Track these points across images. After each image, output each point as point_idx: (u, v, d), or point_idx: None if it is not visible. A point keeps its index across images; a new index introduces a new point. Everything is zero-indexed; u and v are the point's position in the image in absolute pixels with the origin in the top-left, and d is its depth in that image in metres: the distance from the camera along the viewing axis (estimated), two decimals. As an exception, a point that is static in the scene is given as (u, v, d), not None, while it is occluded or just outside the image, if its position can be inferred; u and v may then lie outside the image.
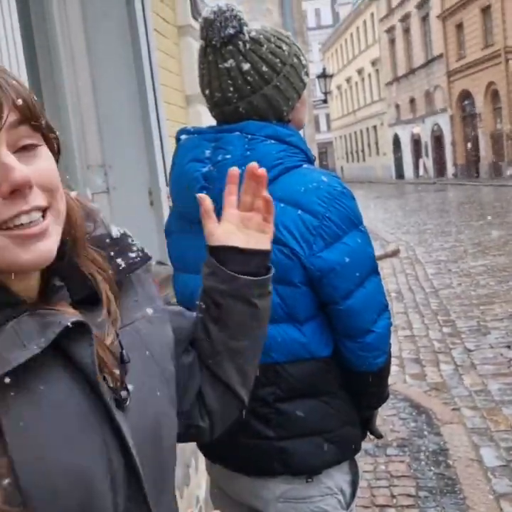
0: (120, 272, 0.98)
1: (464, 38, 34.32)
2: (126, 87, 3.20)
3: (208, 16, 1.69)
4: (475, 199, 23.55)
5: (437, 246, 13.13)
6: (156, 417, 0.97)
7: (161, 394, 1.00)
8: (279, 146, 1.68)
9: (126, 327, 0.97)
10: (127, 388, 0.91)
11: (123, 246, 1.01)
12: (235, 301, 1.14)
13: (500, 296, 8.30)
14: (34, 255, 0.82)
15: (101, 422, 0.87)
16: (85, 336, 0.86)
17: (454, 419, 4.69)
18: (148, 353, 1.00)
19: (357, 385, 1.80)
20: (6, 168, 0.78)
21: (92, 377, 0.86)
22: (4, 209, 0.79)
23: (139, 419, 0.93)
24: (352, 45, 57.90)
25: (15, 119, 0.81)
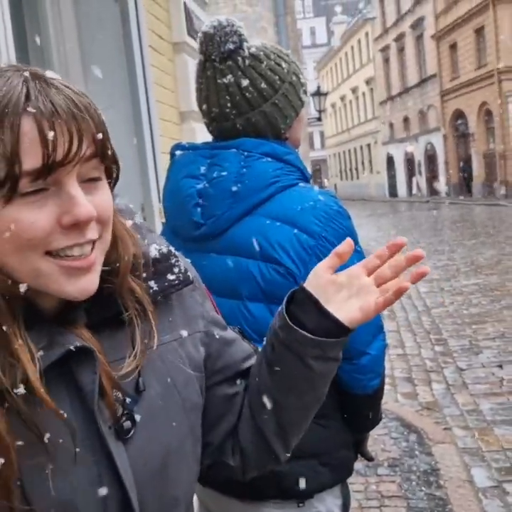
0: (152, 294, 0.95)
1: (458, 58, 34.60)
2: (120, 102, 3.21)
3: (208, 30, 1.67)
4: (468, 218, 23.62)
5: (430, 264, 13.12)
6: (167, 449, 0.94)
7: (177, 425, 0.95)
8: (276, 164, 1.66)
9: (150, 349, 0.93)
10: (134, 418, 0.89)
11: (162, 267, 0.98)
12: (287, 351, 1.02)
13: (492, 315, 8.29)
14: (78, 289, 0.83)
15: (96, 452, 0.86)
16: (90, 363, 0.85)
17: (445, 439, 4.66)
18: (170, 381, 0.96)
19: (351, 406, 1.77)
20: (73, 202, 0.79)
21: (90, 406, 0.85)
22: (61, 238, 0.80)
23: (143, 452, 0.90)
24: (346, 64, 58.26)
25: (91, 153, 0.81)
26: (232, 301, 1.64)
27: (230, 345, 1.11)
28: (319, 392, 1.08)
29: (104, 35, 3.12)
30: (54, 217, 0.79)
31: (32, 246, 0.79)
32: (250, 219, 1.63)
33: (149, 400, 0.92)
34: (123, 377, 0.89)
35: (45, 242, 0.80)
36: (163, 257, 0.99)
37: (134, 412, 0.89)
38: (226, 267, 1.65)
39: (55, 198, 0.80)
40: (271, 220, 1.61)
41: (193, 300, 1.05)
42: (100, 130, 0.82)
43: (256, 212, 1.63)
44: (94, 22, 3.10)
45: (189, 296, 1.04)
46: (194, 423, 1.00)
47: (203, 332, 1.04)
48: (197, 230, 1.67)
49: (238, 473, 1.14)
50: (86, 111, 0.80)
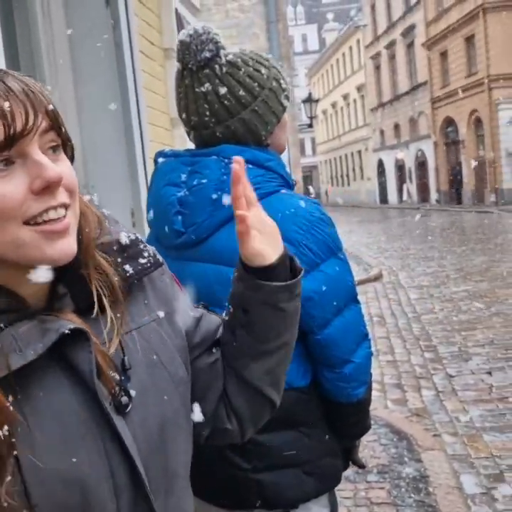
0: (128, 278, 1.00)
1: (448, 66, 34.78)
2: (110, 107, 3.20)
3: (184, 38, 1.66)
4: (458, 225, 23.72)
5: (420, 271, 13.17)
6: (163, 421, 0.98)
7: (168, 398, 1.00)
8: (257, 171, 1.64)
9: (132, 331, 0.99)
10: (129, 394, 0.94)
11: (133, 252, 1.03)
12: (262, 307, 1.10)
13: (481, 322, 8.32)
14: (57, 251, 0.87)
15: (101, 429, 0.90)
16: (84, 344, 0.90)
17: (434, 446, 4.66)
18: (156, 357, 1.01)
19: (337, 415, 1.76)
20: (39, 166, 0.85)
21: (91, 385, 0.89)
22: (35, 204, 0.85)
23: (142, 425, 0.95)
24: (338, 71, 58.47)
25: (46, 125, 0.88)
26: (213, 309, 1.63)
27: (201, 321, 1.17)
28: (294, 326, 1.18)
29: (94, 40, 3.12)
30: (25, 186, 0.85)
31: (8, 217, 0.84)
32: (231, 227, 1.60)
33: (139, 377, 0.97)
34: (112, 356, 0.94)
35: (21, 212, 0.84)
36: (133, 242, 1.03)
37: (128, 388, 0.94)
38: (206, 275, 1.63)
39: (22, 168, 0.85)
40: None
41: (164, 283, 1.10)
42: (51, 104, 0.89)
43: None
44: (85, 27, 3.09)
45: (159, 280, 1.09)
46: (184, 397, 1.05)
47: (177, 311, 1.10)
48: (178, 238, 1.66)
49: (237, 436, 1.20)
50: (37, 90, 0.88)
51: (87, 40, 3.11)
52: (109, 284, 0.97)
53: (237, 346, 1.14)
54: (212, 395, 1.15)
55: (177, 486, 1.03)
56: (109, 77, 3.16)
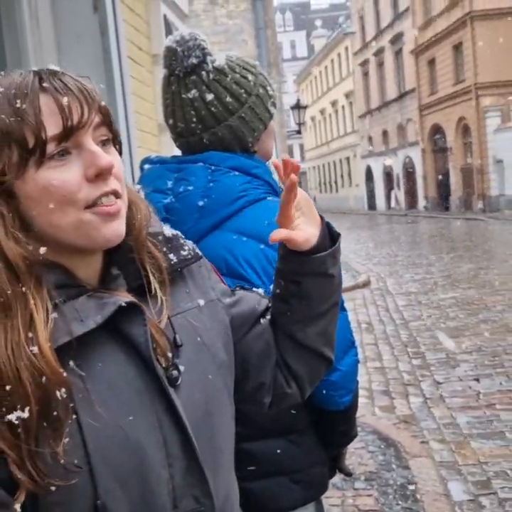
0: (172, 266, 1.08)
1: (436, 73, 34.98)
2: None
3: (171, 45, 1.65)
4: (445, 232, 23.83)
5: (408, 278, 13.21)
6: (207, 399, 1.05)
7: (212, 378, 1.07)
8: (243, 178, 1.63)
9: (177, 315, 1.07)
10: (178, 368, 1.01)
11: (175, 244, 1.12)
12: (312, 277, 1.20)
13: (469, 328, 8.35)
14: (111, 231, 0.96)
15: (154, 399, 0.97)
16: (139, 317, 0.98)
17: (422, 453, 4.67)
18: (200, 339, 1.08)
19: (324, 423, 1.75)
20: (93, 155, 0.94)
21: (146, 355, 0.96)
22: (90, 190, 0.94)
23: (190, 399, 1.01)
24: (326, 78, 58.67)
25: (99, 120, 0.97)
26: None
27: (241, 302, 1.25)
28: (341, 286, 1.29)
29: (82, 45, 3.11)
30: (80, 174, 0.94)
31: (68, 201, 0.93)
32: (217, 234, 1.61)
33: (187, 354, 1.04)
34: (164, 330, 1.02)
35: (79, 197, 0.93)
36: (175, 236, 1.14)
37: (178, 364, 1.01)
38: None
39: (78, 158, 0.94)
40: (237, 235, 1.59)
41: (201, 275, 1.19)
42: (103, 101, 0.99)
43: (223, 227, 1.61)
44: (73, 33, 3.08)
45: (197, 272, 1.18)
46: (226, 379, 1.12)
47: (216, 300, 1.18)
48: None
49: (298, 398, 1.30)
50: (91, 88, 0.98)
51: (75, 46, 3.10)
52: (157, 268, 1.05)
53: (291, 315, 1.23)
54: (268, 363, 1.24)
55: (223, 462, 1.08)
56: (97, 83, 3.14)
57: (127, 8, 3.96)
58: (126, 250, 1.03)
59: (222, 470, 1.07)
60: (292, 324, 1.24)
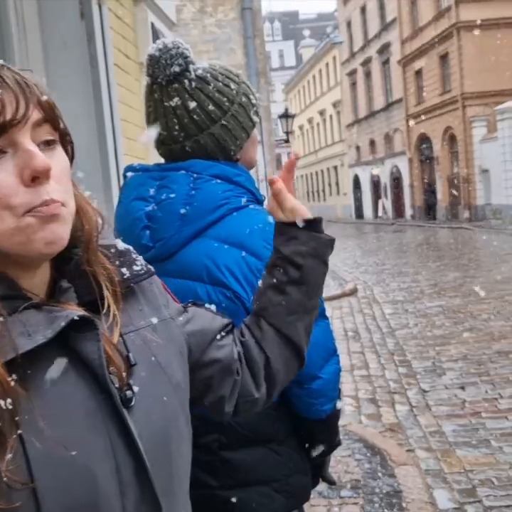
0: (125, 280, 1.02)
1: (423, 83, 35.19)
2: (84, 120, 3.19)
3: (154, 53, 1.65)
4: (432, 241, 23.93)
5: (395, 286, 13.25)
6: (163, 422, 0.97)
7: (168, 399, 1.00)
8: (226, 186, 1.63)
9: (130, 333, 1.00)
10: (132, 389, 0.92)
11: (128, 259, 1.05)
12: (314, 260, 1.27)
13: (455, 337, 8.38)
14: (50, 234, 0.87)
15: (107, 421, 0.88)
16: (92, 332, 0.89)
17: (408, 461, 4.67)
18: (154, 359, 1.01)
19: (306, 431, 1.74)
20: (28, 155, 0.85)
21: (99, 373, 0.88)
22: (29, 197, 0.85)
23: (145, 422, 0.93)
24: (314, 87, 58.90)
25: (39, 117, 0.88)
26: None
27: (195, 319, 1.20)
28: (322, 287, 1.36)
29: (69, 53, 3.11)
30: (15, 176, 0.85)
31: (4, 206, 0.84)
32: (199, 242, 1.61)
33: (140, 374, 0.96)
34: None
35: (15, 203, 0.84)
36: (127, 250, 1.07)
37: (131, 384, 0.93)
38: (174, 291, 1.62)
39: (13, 158, 0.85)
40: (219, 243, 1.59)
41: (153, 292, 1.12)
42: (45, 96, 0.90)
43: (205, 234, 1.61)
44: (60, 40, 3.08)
45: (149, 289, 1.11)
46: (182, 401, 1.05)
47: (169, 318, 1.12)
48: (146, 253, 1.63)
49: (263, 403, 1.29)
50: (32, 82, 0.89)
51: (61, 53, 3.10)
52: (110, 282, 0.99)
53: (285, 305, 1.26)
54: (228, 377, 1.20)
55: (180, 487, 1.02)
56: (84, 90, 3.15)
57: (115, 16, 3.97)
58: (77, 262, 0.97)
59: (178, 496, 1.00)
60: (284, 317, 1.26)
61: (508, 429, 5.16)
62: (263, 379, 1.26)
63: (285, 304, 1.26)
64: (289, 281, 1.26)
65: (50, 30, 3.06)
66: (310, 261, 1.27)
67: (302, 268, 1.26)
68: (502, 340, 7.98)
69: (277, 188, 1.31)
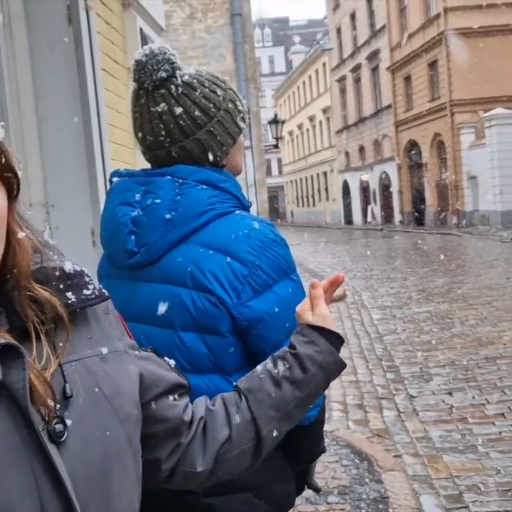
0: (69, 305, 0.96)
1: (412, 90, 35.36)
2: (71, 125, 3.18)
3: (140, 58, 1.65)
4: (420, 246, 24.00)
5: (383, 292, 13.28)
6: (104, 457, 0.91)
7: (112, 433, 0.94)
8: (211, 192, 1.63)
9: (72, 362, 0.94)
10: (65, 422, 0.87)
11: (77, 282, 0.99)
12: (321, 372, 1.26)
13: (443, 342, 8.40)
14: None
15: (32, 457, 0.82)
16: (17, 361, 0.83)
17: (395, 467, 4.67)
18: (98, 390, 0.95)
19: (289, 438, 1.74)
20: None
21: (23, 403, 0.82)
22: None
23: (80, 458, 0.87)
24: (304, 93, 59.06)
25: None
26: (165, 330, 1.60)
27: (150, 361, 1.14)
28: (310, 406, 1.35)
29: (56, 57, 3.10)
30: None
31: None
32: (184, 247, 1.61)
33: (79, 407, 0.90)
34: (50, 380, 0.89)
35: None
36: (78, 273, 1.00)
37: (64, 417, 0.88)
38: (159, 296, 1.61)
39: None
40: (204, 249, 1.59)
41: (108, 322, 1.06)
42: None
43: (190, 240, 1.61)
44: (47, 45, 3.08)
45: (104, 318, 1.05)
46: (131, 434, 0.99)
47: (122, 351, 1.06)
48: (131, 258, 1.64)
49: (203, 480, 1.22)
50: None
51: (48, 58, 3.09)
52: (50, 311, 0.93)
53: (274, 398, 1.23)
54: (171, 441, 1.15)
55: None
56: (71, 95, 3.14)
57: (103, 21, 3.97)
58: (8, 288, 0.91)
59: None
60: (267, 409, 1.23)
61: (495, 434, 5.17)
62: (214, 456, 1.19)
63: (274, 396, 1.23)
64: (289, 379, 1.25)
65: (36, 35, 3.06)
66: (317, 371, 1.27)
67: (308, 373, 1.26)
68: (489, 345, 8.01)
69: (316, 293, 1.34)
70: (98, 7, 3.71)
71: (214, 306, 1.57)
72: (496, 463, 4.63)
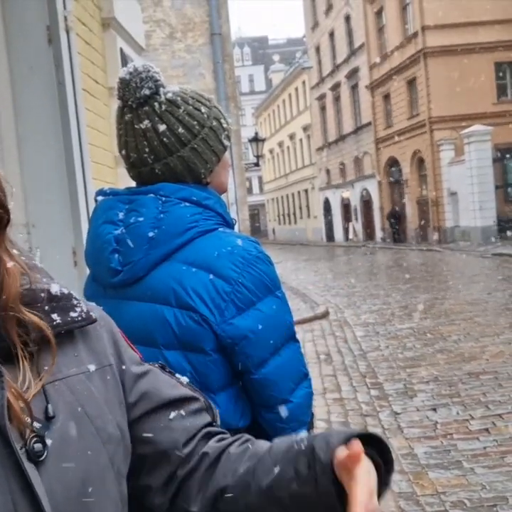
0: (54, 326, 0.95)
1: (391, 107, 35.69)
2: (52, 145, 3.17)
3: (124, 76, 1.66)
4: (402, 263, 24.11)
5: (366, 308, 13.30)
6: (85, 478, 0.89)
7: (93, 454, 0.92)
8: (194, 209, 1.63)
9: (55, 382, 0.93)
10: (44, 442, 0.85)
11: (63, 305, 0.98)
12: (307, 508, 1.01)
13: (426, 358, 8.42)
14: None
15: (9, 477, 0.81)
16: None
17: (380, 484, 4.65)
18: (81, 409, 0.93)
19: None
20: None
21: (1, 422, 0.82)
22: None
23: (59, 478, 0.86)
24: (284, 111, 59.43)
25: None
26: (149, 349, 1.59)
27: (149, 376, 1.10)
28: None
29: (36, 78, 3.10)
30: None
31: None
32: (167, 265, 1.60)
33: (60, 427, 0.89)
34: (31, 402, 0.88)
35: None
36: (65, 296, 1.00)
37: (45, 437, 0.86)
38: (143, 315, 1.61)
39: None
40: (187, 266, 1.59)
41: (99, 337, 1.04)
42: None
43: (173, 258, 1.60)
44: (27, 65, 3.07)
45: (95, 335, 1.04)
46: (114, 456, 0.96)
47: (113, 366, 1.04)
48: (114, 276, 1.63)
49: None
50: None
51: (28, 78, 3.09)
52: (35, 333, 0.92)
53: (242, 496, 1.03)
54: (165, 466, 1.06)
55: None
56: (51, 115, 3.13)
57: (83, 41, 3.97)
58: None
59: None
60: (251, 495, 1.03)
61: (480, 450, 5.17)
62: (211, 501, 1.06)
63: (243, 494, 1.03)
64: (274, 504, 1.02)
65: (16, 55, 3.05)
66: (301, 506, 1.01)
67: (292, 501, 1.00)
68: (472, 361, 8.03)
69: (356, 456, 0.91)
70: (78, 27, 3.71)
71: (197, 324, 1.56)
72: (481, 478, 4.63)
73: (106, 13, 4.74)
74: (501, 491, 4.39)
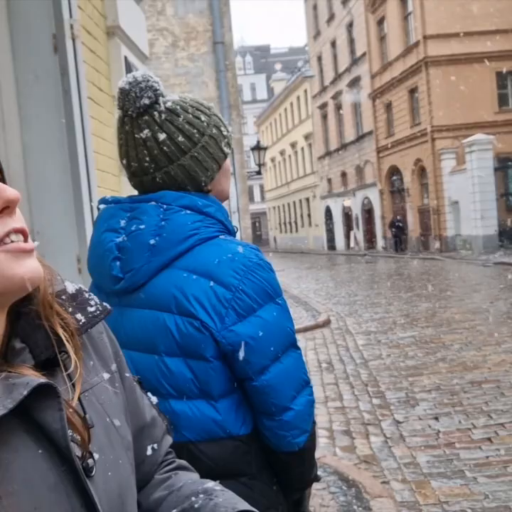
0: (82, 326, 0.95)
1: (393, 116, 35.76)
2: (57, 152, 3.18)
3: (124, 86, 1.67)
4: (403, 271, 24.11)
5: (367, 317, 13.29)
6: (120, 486, 0.92)
7: (122, 462, 0.95)
8: (196, 217, 1.64)
9: (85, 392, 0.93)
10: (93, 456, 0.87)
11: (81, 301, 0.98)
12: None
13: (428, 367, 8.41)
14: (28, 270, 0.83)
15: (71, 495, 0.82)
16: (54, 400, 0.82)
17: (383, 493, 4.65)
18: (109, 420, 0.95)
19: (279, 465, 1.70)
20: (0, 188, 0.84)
21: (62, 444, 0.81)
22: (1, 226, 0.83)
23: (104, 490, 0.88)
24: (286, 120, 59.54)
25: None
26: (150, 356, 1.60)
27: (135, 388, 1.12)
28: None
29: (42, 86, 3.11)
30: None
31: None
32: (168, 272, 1.61)
33: (98, 438, 0.90)
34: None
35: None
36: (78, 292, 1.00)
37: (92, 451, 0.87)
38: (144, 322, 1.62)
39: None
40: (188, 273, 1.59)
41: (103, 342, 1.05)
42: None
43: (174, 265, 1.61)
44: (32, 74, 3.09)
45: (99, 339, 1.04)
46: (132, 462, 1.00)
47: (117, 372, 1.05)
48: (116, 284, 1.64)
49: None
50: None
51: (34, 86, 3.10)
52: (70, 333, 0.92)
53: None
54: None
55: None
56: (57, 123, 3.15)
57: (88, 49, 3.99)
58: (31, 317, 0.89)
59: None
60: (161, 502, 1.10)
61: (482, 459, 5.17)
62: None
63: None
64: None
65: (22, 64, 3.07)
66: None
67: None
68: (474, 370, 8.02)
69: None
70: (83, 36, 3.73)
71: (197, 331, 1.57)
72: (484, 487, 4.62)
73: (111, 22, 4.76)
74: (504, 501, 4.38)
